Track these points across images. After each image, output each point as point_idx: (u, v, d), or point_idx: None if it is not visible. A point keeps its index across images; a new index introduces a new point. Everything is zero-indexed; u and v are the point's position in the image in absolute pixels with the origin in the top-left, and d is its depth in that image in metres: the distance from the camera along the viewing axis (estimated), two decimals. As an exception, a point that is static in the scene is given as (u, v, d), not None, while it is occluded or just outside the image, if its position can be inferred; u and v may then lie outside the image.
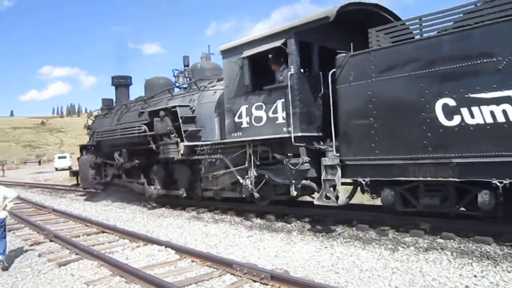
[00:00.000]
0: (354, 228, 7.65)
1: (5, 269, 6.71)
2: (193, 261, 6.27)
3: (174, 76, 13.29)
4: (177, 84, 13.01)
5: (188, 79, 12.67)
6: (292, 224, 8.46)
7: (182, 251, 6.73)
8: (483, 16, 5.93)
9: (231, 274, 5.48)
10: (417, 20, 6.71)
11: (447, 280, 4.91)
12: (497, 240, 6.12)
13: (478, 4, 6.12)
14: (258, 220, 9.16)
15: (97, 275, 5.95)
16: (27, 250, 7.85)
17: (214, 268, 5.79)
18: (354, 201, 10.13)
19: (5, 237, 7.14)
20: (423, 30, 6.65)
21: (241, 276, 5.30)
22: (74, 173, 17.87)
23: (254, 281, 5.12)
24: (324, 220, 8.38)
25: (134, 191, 13.41)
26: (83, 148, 16.43)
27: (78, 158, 16.74)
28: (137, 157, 13.05)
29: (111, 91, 17.06)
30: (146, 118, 11.88)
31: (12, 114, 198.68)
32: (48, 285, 5.68)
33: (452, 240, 6.37)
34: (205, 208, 10.91)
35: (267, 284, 4.97)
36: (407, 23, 6.94)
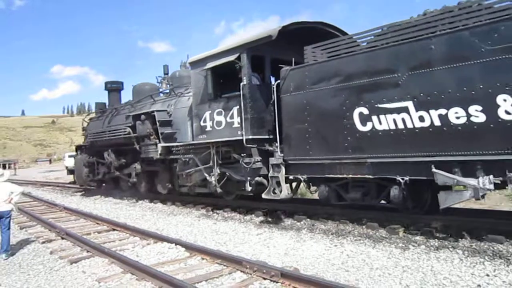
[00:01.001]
0: (364, 227, 7.63)
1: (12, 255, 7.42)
2: (203, 259, 6.29)
3: (157, 82, 14.79)
4: (161, 90, 14.18)
5: (169, 85, 13.80)
6: (302, 222, 8.46)
7: (192, 248, 6.75)
8: (388, 39, 7.02)
9: (241, 271, 5.48)
10: (345, 38, 7.86)
11: (458, 279, 4.87)
12: (510, 239, 6.05)
13: (384, 29, 7.27)
14: (268, 218, 9.17)
15: (108, 272, 5.99)
16: (39, 248, 7.94)
17: (224, 265, 5.80)
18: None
19: (9, 228, 7.69)
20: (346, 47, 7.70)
21: (251, 274, 5.31)
22: (71, 171, 19.32)
23: (264, 278, 5.12)
24: (333, 218, 8.37)
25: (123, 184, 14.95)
26: (78, 148, 18.13)
27: (74, 157, 18.27)
28: (124, 156, 14.44)
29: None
30: (131, 121, 13.20)
31: (23, 113, 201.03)
32: (60, 282, 5.72)
33: (463, 239, 6.32)
34: (214, 206, 10.96)
35: (277, 282, 4.96)
36: (339, 40, 7.94)
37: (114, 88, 17.48)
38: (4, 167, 63.97)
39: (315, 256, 6.20)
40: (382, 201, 7.75)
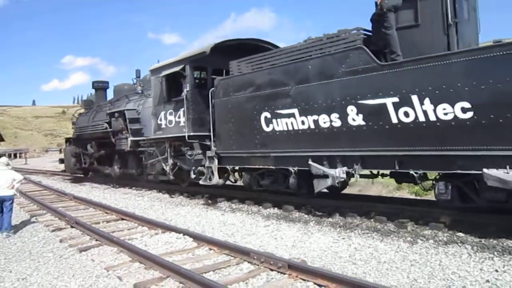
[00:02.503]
0: (372, 220, 7.61)
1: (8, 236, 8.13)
2: (210, 249, 6.33)
3: (134, 84, 16.32)
4: (137, 91, 15.47)
5: (141, 87, 15.34)
6: (310, 215, 8.45)
7: (200, 239, 6.79)
8: (282, 58, 8.74)
9: (249, 262, 5.50)
10: (257, 56, 9.42)
11: (467, 274, 4.84)
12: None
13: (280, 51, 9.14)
14: (275, 210, 9.19)
15: (117, 260, 6.05)
16: (49, 236, 8.03)
17: (232, 256, 5.83)
18: (372, 193, 10.19)
19: (11, 210, 8.63)
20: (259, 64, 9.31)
21: (258, 265, 5.32)
22: (62, 161, 21.40)
23: (272, 269, 5.13)
24: (341, 212, 8.35)
25: (103, 173, 17.15)
26: (67, 140, 20.46)
27: (64, 149, 20.57)
28: (103, 148, 16.56)
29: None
30: (107, 118, 15.05)
31: (34, 103, 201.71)
32: (69, 270, 5.79)
33: (472, 234, 6.27)
34: (222, 197, 11.02)
35: (284, 273, 4.97)
36: (254, 57, 9.49)
37: (100, 87, 19.53)
38: (15, 156, 64.86)
39: (323, 248, 6.21)
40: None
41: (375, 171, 8.14)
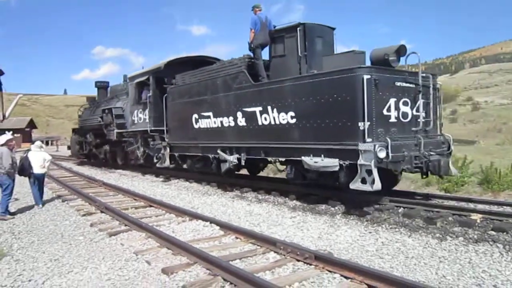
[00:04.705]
0: (400, 215, 7.51)
1: (41, 206, 9.84)
2: (237, 238, 6.37)
3: (124, 86, 18.80)
4: (126, 91, 17.85)
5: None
6: (336, 208, 8.41)
7: (227, 227, 6.85)
8: (205, 75, 11.83)
9: (275, 252, 5.51)
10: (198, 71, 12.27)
11: (498, 273, 4.72)
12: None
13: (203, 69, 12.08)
14: (302, 202, 9.17)
15: (145, 246, 6.17)
16: (80, 220, 8.26)
17: (258, 245, 5.85)
18: (399, 188, 10.01)
19: (43, 185, 10.43)
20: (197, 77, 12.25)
21: (284, 255, 5.32)
22: (69, 147, 25.72)
23: (298, 260, 5.12)
24: (368, 206, 8.28)
25: (99, 158, 20.79)
26: (73, 130, 24.59)
27: (71, 138, 24.78)
28: (98, 137, 19.90)
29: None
30: (101, 114, 18.30)
31: (65, 92, 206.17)
32: (99, 253, 5.94)
33: (504, 233, 6.11)
34: (249, 187, 11.10)
35: (310, 264, 4.95)
36: (191, 72, 12.53)
37: (101, 86, 22.30)
38: (47, 143, 66.71)
39: (349, 241, 6.16)
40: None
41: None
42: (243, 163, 10.53)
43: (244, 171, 13.56)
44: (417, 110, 8.30)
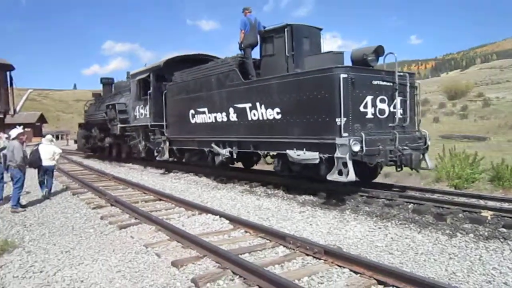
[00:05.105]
0: (410, 211, 7.48)
1: (47, 198, 10.05)
2: (246, 232, 6.39)
3: (127, 82, 19.34)
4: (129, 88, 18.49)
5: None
6: (346, 203, 8.39)
7: (236, 221, 6.88)
8: (200, 73, 12.45)
9: (284, 246, 5.52)
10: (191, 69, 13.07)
11: (508, 270, 4.68)
12: None
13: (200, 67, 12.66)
14: (311, 197, 9.17)
15: (155, 238, 6.22)
16: (90, 213, 8.34)
17: (267, 239, 5.86)
18: (409, 184, 9.97)
19: (52, 177, 10.79)
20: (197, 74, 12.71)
21: (294, 249, 5.33)
22: (75, 141, 27.52)
23: (307, 254, 5.13)
24: (378, 201, 8.26)
25: (104, 151, 21.71)
26: (80, 125, 25.45)
27: (77, 132, 25.95)
28: (103, 132, 20.68)
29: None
30: (106, 109, 18.96)
31: (75, 87, 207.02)
32: (109, 245, 6.00)
33: (515, 230, 6.06)
34: (258, 182, 11.12)
35: (320, 259, 4.96)
36: (188, 70, 13.20)
37: (106, 82, 22.99)
38: (57, 138, 67.24)
39: (358, 237, 6.15)
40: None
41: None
42: (234, 156, 11.15)
43: (248, 169, 13.89)
44: (394, 107, 8.82)
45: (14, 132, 9.25)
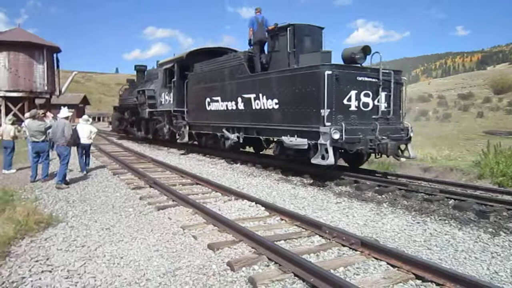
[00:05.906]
0: (450, 207, 7.27)
1: (85, 172, 11.06)
2: (282, 219, 6.40)
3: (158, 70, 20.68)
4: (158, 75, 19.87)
5: None
6: (383, 196, 8.26)
7: (272, 208, 6.90)
8: (216, 65, 13.78)
9: (320, 236, 5.50)
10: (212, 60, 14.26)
11: (554, 272, 4.49)
12: None
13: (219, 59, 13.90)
14: (348, 188, 9.08)
15: (192, 221, 6.33)
16: (130, 193, 8.56)
17: (303, 228, 5.85)
18: (451, 178, 9.68)
19: (89, 156, 12.04)
20: (212, 65, 14.18)
21: (330, 239, 5.29)
22: (110, 123, 30.08)
23: (343, 245, 5.08)
24: (417, 195, 8.08)
25: (133, 134, 23.55)
26: (114, 108, 27.62)
27: (112, 114, 28.53)
28: (135, 115, 22.33)
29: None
30: (137, 94, 20.63)
31: (117, 71, 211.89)
32: (148, 225, 6.15)
33: None
34: (292, 171, 11.10)
35: (356, 250, 4.91)
36: (206, 62, 14.68)
37: (140, 69, 24.18)
38: (98, 119, 69.32)
39: (396, 230, 6.04)
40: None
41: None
42: (241, 141, 12.48)
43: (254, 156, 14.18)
44: (378, 101, 9.70)
45: (64, 112, 9.61)
